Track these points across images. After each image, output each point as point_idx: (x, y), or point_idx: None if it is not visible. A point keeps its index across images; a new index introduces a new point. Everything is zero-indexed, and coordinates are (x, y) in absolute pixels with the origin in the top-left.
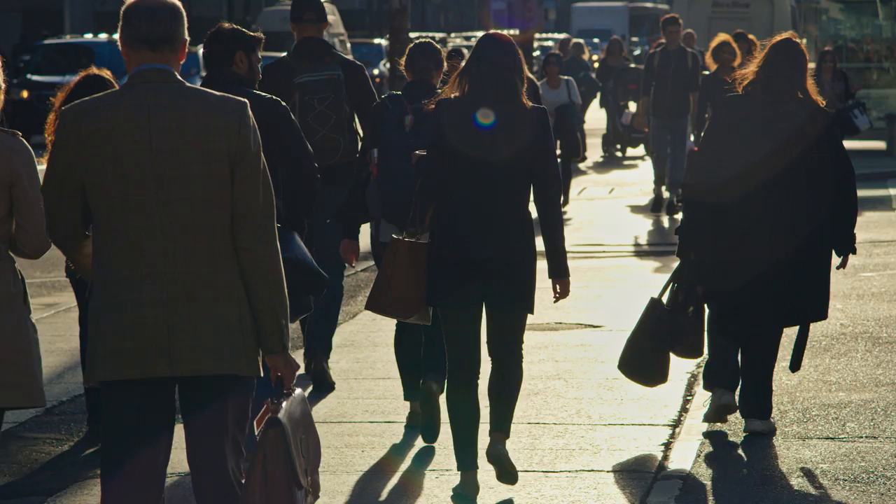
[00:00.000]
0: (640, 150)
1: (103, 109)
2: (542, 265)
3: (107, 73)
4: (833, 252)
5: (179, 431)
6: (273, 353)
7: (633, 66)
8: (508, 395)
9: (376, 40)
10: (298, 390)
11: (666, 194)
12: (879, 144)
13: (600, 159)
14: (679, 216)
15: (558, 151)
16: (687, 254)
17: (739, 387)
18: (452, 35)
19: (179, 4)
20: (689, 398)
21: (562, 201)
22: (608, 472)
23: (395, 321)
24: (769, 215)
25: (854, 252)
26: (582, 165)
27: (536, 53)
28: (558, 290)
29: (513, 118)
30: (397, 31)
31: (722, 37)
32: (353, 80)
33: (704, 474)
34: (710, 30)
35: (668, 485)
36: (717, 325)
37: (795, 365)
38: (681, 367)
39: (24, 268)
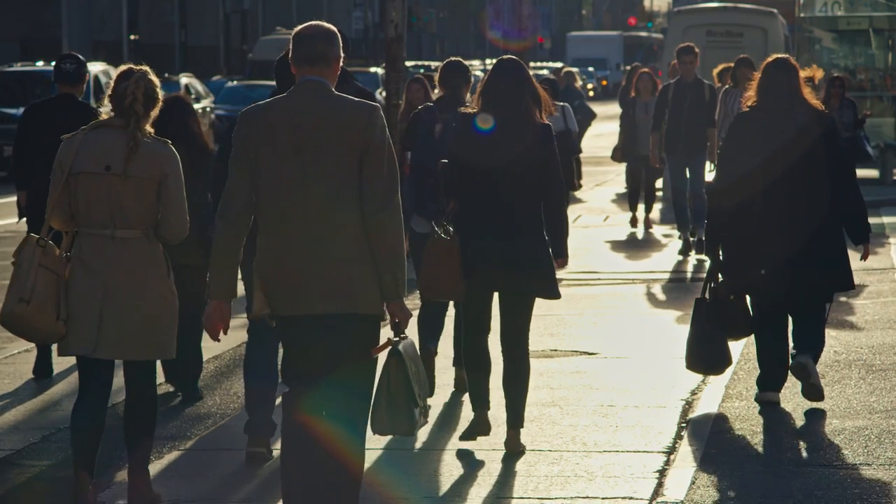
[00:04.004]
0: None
1: (270, 109)
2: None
3: (184, 95)
4: (848, 239)
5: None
6: (390, 301)
7: None
8: (520, 385)
9: (372, 69)
10: (410, 338)
11: (673, 231)
12: (872, 173)
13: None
14: (697, 257)
15: None
16: (714, 253)
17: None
18: None
19: (335, 29)
20: (683, 425)
21: None
22: (603, 499)
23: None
24: (779, 214)
25: (868, 241)
26: (577, 194)
27: None
28: (557, 264)
29: (518, 129)
30: (393, 60)
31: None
32: None
33: (699, 502)
34: (703, 59)
35: None
36: (759, 321)
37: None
38: (675, 395)
39: None
